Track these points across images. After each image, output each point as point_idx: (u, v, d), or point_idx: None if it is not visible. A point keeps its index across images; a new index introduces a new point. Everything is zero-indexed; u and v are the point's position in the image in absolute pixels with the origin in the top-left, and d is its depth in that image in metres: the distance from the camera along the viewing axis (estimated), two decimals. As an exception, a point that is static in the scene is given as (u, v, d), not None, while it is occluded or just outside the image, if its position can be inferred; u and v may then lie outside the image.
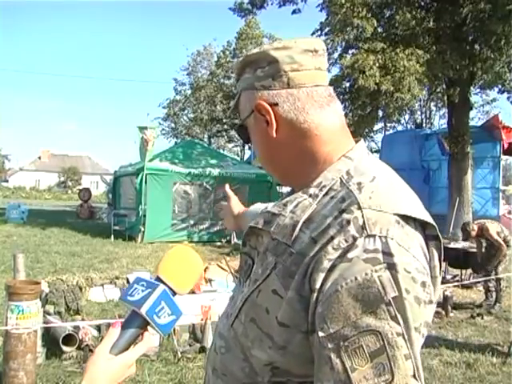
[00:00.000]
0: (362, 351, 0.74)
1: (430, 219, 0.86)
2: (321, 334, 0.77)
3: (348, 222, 0.81)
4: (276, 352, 0.87)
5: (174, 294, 0.96)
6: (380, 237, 0.79)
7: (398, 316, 0.75)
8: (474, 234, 6.98)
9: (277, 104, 0.94)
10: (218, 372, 0.98)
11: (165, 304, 0.93)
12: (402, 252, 0.78)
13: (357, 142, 1.00)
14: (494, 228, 6.92)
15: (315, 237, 0.84)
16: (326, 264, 0.79)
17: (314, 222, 0.86)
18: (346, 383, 0.74)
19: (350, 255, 0.78)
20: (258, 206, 1.52)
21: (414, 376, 0.75)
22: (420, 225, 0.85)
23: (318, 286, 0.80)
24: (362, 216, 0.81)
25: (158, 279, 0.96)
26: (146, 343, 0.94)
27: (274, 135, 0.95)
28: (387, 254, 0.77)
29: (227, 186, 1.71)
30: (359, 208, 0.82)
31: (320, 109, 0.94)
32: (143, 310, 0.90)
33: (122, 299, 0.96)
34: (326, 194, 0.90)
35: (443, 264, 0.89)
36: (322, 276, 0.79)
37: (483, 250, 7.03)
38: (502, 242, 6.82)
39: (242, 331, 0.93)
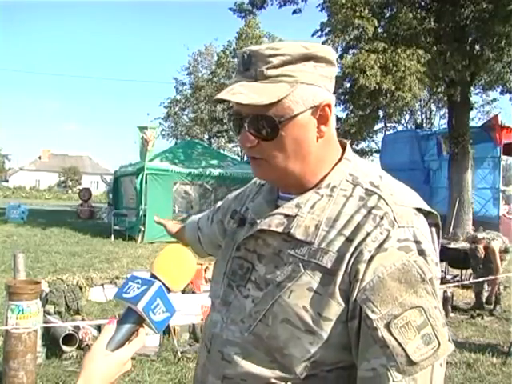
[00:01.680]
0: (410, 326, 0.85)
1: (432, 209, 0.98)
2: (372, 316, 0.85)
3: (381, 217, 0.90)
4: (319, 346, 0.90)
5: (169, 291, 0.97)
6: (408, 227, 0.90)
7: (433, 292, 0.88)
8: (482, 255, 6.86)
9: (332, 106, 0.98)
10: (235, 379, 0.97)
11: (160, 301, 0.94)
12: (424, 239, 0.91)
13: (342, 143, 1.06)
14: (497, 245, 6.85)
15: (350, 235, 0.90)
16: (367, 255, 0.88)
17: (339, 220, 0.93)
18: (402, 355, 0.83)
19: (385, 246, 0.88)
20: (193, 219, 1.59)
21: (449, 340, 0.88)
22: (424, 214, 0.96)
23: (360, 276, 0.87)
24: (392, 211, 0.91)
25: (153, 276, 0.97)
26: (141, 340, 0.95)
27: (325, 136, 0.98)
28: (416, 241, 0.89)
29: (156, 218, 1.83)
30: (387, 204, 0.92)
31: None
32: (140, 306, 0.91)
33: (116, 296, 0.96)
34: (338, 194, 0.96)
35: (443, 264, 0.97)
36: (363, 266, 0.87)
37: (481, 259, 6.95)
38: (500, 268, 6.83)
39: (270, 334, 0.93)
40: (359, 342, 0.88)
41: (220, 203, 1.39)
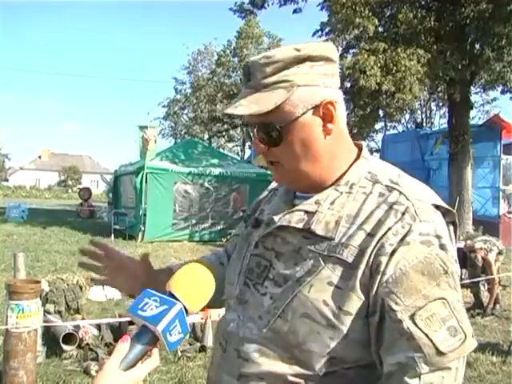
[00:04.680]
0: (435, 317, 0.85)
1: (450, 207, 0.99)
2: (396, 307, 0.86)
3: (403, 212, 0.91)
4: (339, 341, 0.90)
5: (186, 312, 0.93)
6: (429, 222, 0.91)
7: (456, 286, 0.89)
8: (480, 265, 6.85)
9: (337, 102, 0.98)
10: (252, 378, 0.97)
11: (178, 322, 0.90)
12: (444, 235, 0.92)
13: (357, 144, 1.07)
14: (493, 256, 6.83)
15: (371, 231, 0.91)
16: (389, 249, 0.88)
17: (359, 217, 0.93)
18: (429, 346, 0.84)
19: (408, 239, 0.89)
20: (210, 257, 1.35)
21: (472, 336, 0.89)
22: (442, 212, 0.97)
23: (381, 269, 0.88)
24: (413, 205, 0.92)
25: (171, 295, 0.93)
26: (155, 360, 0.92)
27: (331, 134, 0.98)
28: (437, 236, 0.91)
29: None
30: (407, 199, 0.93)
31: (344, 111, 1.03)
32: (160, 328, 0.87)
33: (131, 313, 0.92)
34: (357, 191, 0.97)
35: None
36: (385, 259, 0.88)
37: (480, 268, 6.94)
38: (497, 279, 6.82)
39: (289, 329, 0.93)
40: (380, 337, 0.88)
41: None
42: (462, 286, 7.70)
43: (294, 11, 15.39)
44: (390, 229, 0.89)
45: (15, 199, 30.20)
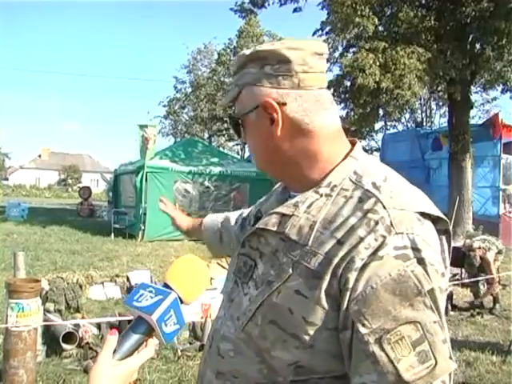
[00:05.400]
0: (405, 342, 0.79)
1: (441, 214, 0.91)
2: (363, 330, 0.80)
3: (376, 222, 0.84)
4: (303, 351, 0.87)
5: (181, 303, 0.95)
6: (407, 234, 0.83)
7: (433, 306, 0.81)
8: (477, 264, 6.84)
9: (285, 103, 0.95)
10: (227, 375, 0.97)
11: (173, 312, 0.91)
12: (427, 247, 0.84)
13: (353, 142, 1.03)
14: (492, 255, 6.82)
15: (341, 238, 0.85)
16: (359, 263, 0.82)
17: (334, 223, 0.88)
18: (393, 373, 0.78)
19: (380, 253, 0.82)
20: (215, 217, 1.58)
21: (450, 357, 0.82)
22: (432, 220, 0.90)
23: (350, 285, 0.82)
24: (389, 216, 0.85)
25: (166, 286, 0.95)
26: (151, 350, 0.93)
27: (278, 134, 0.95)
28: (415, 249, 0.82)
29: (162, 206, 1.85)
30: (384, 208, 0.86)
31: (324, 111, 0.98)
32: (154, 317, 0.89)
33: (127, 304, 0.94)
34: (338, 193, 0.92)
35: (447, 268, 0.93)
36: (354, 275, 0.82)
37: (476, 268, 6.94)
38: (496, 278, 6.81)
39: (259, 333, 0.91)
40: (351, 354, 0.84)
41: (250, 209, 1.38)
42: (463, 284, 7.75)
43: (295, 10, 15.40)
44: (361, 239, 0.83)
45: (15, 198, 30.21)
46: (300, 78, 0.95)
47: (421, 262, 0.82)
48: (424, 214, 0.88)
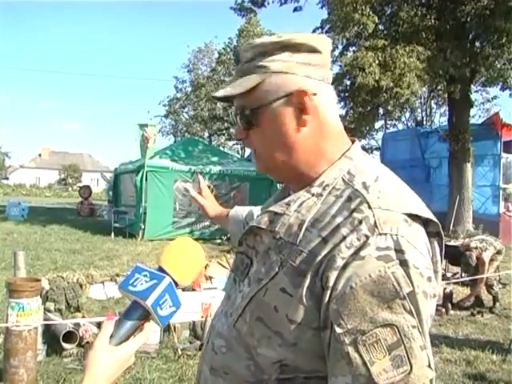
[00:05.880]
0: (380, 345, 0.77)
1: (432, 217, 0.88)
2: (338, 330, 0.79)
3: (360, 221, 0.83)
4: (286, 349, 0.87)
5: (176, 285, 0.95)
6: (391, 235, 0.81)
7: (413, 310, 0.78)
8: (473, 264, 6.84)
9: (315, 94, 0.93)
10: (219, 371, 0.97)
11: (168, 296, 0.92)
12: (411, 249, 0.81)
13: (352, 141, 1.02)
14: (489, 255, 6.81)
15: (326, 236, 0.85)
16: (340, 262, 0.81)
17: (322, 222, 0.87)
18: (365, 376, 0.77)
19: (362, 253, 0.80)
20: (240, 210, 1.61)
21: (429, 366, 0.79)
22: (423, 222, 0.88)
23: (331, 283, 0.81)
24: (373, 215, 0.83)
25: (161, 270, 0.95)
26: (147, 334, 0.94)
27: (305, 125, 0.94)
28: (399, 251, 0.80)
29: (192, 192, 1.84)
30: (369, 208, 0.84)
31: (334, 107, 0.99)
32: (149, 302, 0.89)
33: (122, 288, 0.94)
34: (330, 193, 0.91)
35: (443, 262, 0.91)
36: (335, 274, 0.81)
37: (472, 267, 6.95)
38: (492, 278, 6.81)
39: (247, 330, 0.92)
40: (329, 354, 0.83)
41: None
42: (463, 283, 7.75)
43: (295, 9, 15.40)
44: (344, 238, 0.82)
45: (15, 197, 30.21)
46: (326, 71, 0.96)
47: (403, 263, 0.79)
48: (413, 216, 0.85)
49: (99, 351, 0.88)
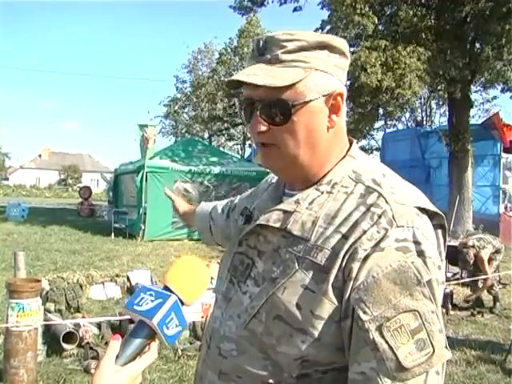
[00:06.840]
0: (404, 330, 0.81)
1: (437, 210, 0.94)
2: (364, 317, 0.82)
3: (379, 215, 0.87)
4: (310, 345, 0.88)
5: (182, 304, 0.94)
6: (408, 227, 0.86)
7: (431, 296, 0.84)
8: (471, 261, 6.85)
9: (343, 94, 0.97)
10: (231, 375, 0.97)
11: (174, 315, 0.91)
12: (425, 240, 0.87)
13: (350, 141, 1.05)
14: (487, 253, 6.81)
15: (346, 233, 0.88)
16: (362, 254, 0.85)
17: (337, 218, 0.91)
18: (392, 359, 0.80)
19: (382, 245, 0.85)
20: (206, 206, 1.61)
21: (446, 347, 0.84)
22: (429, 215, 0.92)
23: (354, 274, 0.85)
24: (391, 209, 0.88)
25: (167, 288, 0.94)
26: (153, 354, 0.92)
27: (335, 126, 0.97)
28: (416, 242, 0.86)
29: (167, 191, 1.81)
30: (386, 202, 0.89)
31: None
32: (155, 322, 0.88)
33: (128, 308, 0.93)
34: (339, 190, 0.95)
35: (443, 262, 0.94)
36: (357, 265, 0.85)
37: (470, 264, 6.95)
38: (489, 273, 6.79)
39: (263, 330, 0.92)
40: (351, 342, 0.85)
41: (236, 200, 1.42)
42: (463, 283, 7.75)
43: (295, 9, 15.38)
44: (364, 232, 0.86)
45: (15, 198, 30.22)
46: (345, 75, 1.00)
47: (420, 254, 0.85)
48: (422, 209, 0.90)
49: (105, 371, 0.86)
